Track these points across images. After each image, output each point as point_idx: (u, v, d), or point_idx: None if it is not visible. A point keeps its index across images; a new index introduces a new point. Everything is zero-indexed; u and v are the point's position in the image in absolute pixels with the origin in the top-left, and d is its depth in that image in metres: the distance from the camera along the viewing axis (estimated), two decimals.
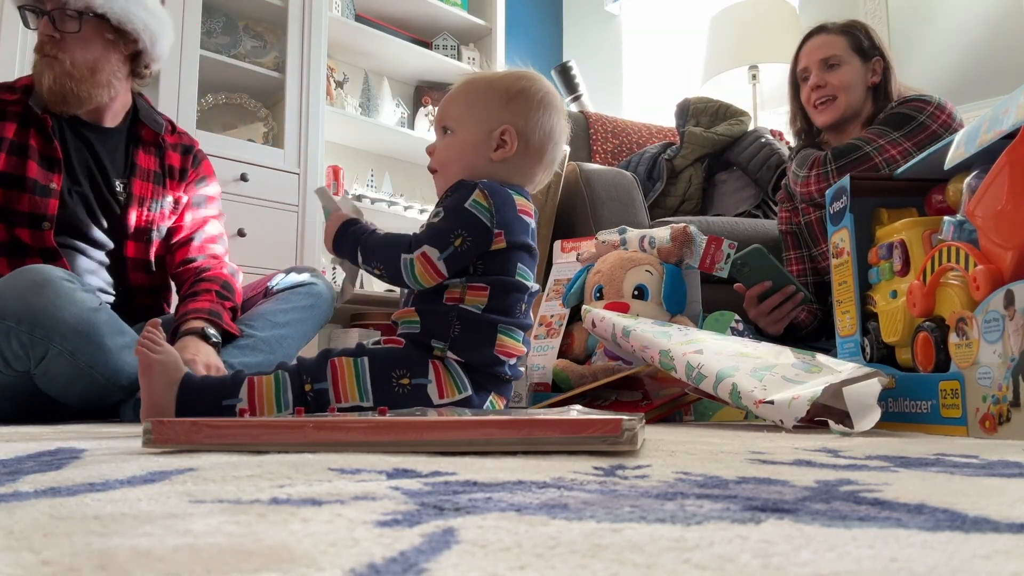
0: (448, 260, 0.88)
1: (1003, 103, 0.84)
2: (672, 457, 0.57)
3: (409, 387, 0.86)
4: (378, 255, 0.92)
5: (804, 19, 2.74)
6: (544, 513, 0.31)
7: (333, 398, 0.85)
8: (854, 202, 1.08)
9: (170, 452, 0.59)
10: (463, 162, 0.97)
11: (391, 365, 0.87)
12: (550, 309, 1.64)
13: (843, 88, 1.57)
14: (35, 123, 1.35)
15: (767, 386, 0.95)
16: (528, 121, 0.97)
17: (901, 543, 0.25)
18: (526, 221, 0.94)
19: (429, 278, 0.89)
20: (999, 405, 0.79)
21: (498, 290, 0.91)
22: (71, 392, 1.22)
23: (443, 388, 0.87)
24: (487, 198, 0.90)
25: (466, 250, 0.89)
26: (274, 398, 0.85)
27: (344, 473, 0.44)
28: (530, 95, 0.98)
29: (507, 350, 0.91)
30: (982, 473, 0.47)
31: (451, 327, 0.89)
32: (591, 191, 1.88)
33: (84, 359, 1.18)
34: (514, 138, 0.96)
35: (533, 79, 1.00)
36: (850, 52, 1.58)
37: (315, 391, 0.85)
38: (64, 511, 0.31)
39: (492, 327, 0.90)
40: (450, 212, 0.90)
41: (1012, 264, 0.79)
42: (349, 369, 0.86)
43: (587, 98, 3.24)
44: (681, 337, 1.14)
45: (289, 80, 2.50)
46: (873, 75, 1.58)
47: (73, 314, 1.17)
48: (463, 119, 0.98)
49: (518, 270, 0.93)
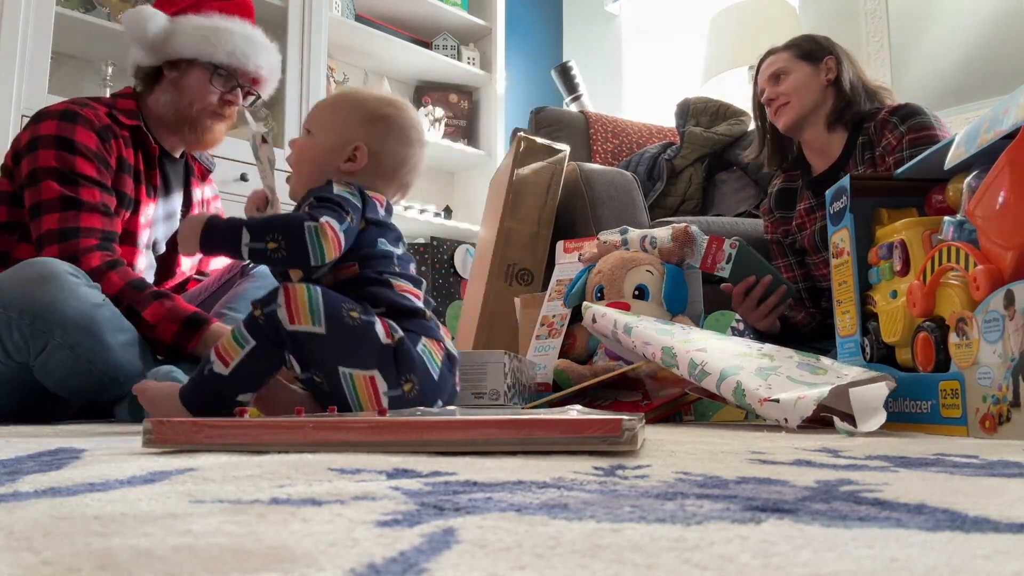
0: (346, 232, 0.91)
1: (1003, 103, 0.84)
2: (672, 457, 0.57)
3: (359, 320, 0.87)
4: (275, 228, 0.90)
5: (804, 19, 2.74)
6: (544, 513, 0.31)
7: (286, 319, 0.84)
8: (854, 202, 1.08)
9: (170, 452, 0.59)
10: (314, 164, 1.03)
11: (341, 299, 0.89)
12: (552, 309, 1.64)
13: (793, 92, 1.63)
14: (143, 148, 1.46)
15: (772, 385, 0.95)
16: (383, 145, 1.03)
17: (901, 543, 0.25)
18: (377, 205, 1.00)
19: (333, 247, 0.90)
20: (999, 405, 0.79)
21: (365, 261, 0.95)
22: (69, 385, 1.22)
23: (387, 329, 0.89)
24: (346, 185, 0.97)
25: (353, 226, 0.93)
26: (232, 341, 0.86)
27: (344, 473, 0.44)
28: (391, 122, 1.04)
29: (406, 289, 0.96)
30: (982, 473, 0.47)
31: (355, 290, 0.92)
32: (591, 191, 1.88)
33: (83, 353, 1.19)
34: (364, 156, 1.02)
35: (401, 109, 1.07)
36: (795, 61, 1.65)
37: (265, 314, 0.85)
38: (64, 511, 0.31)
39: (380, 276, 0.95)
40: (326, 198, 0.94)
41: (1012, 264, 0.79)
42: (302, 292, 0.86)
43: (587, 98, 3.24)
44: (683, 336, 1.14)
45: (289, 80, 2.50)
46: (828, 73, 1.63)
47: (75, 308, 1.18)
48: (325, 126, 1.04)
49: (379, 244, 0.97)
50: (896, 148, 1.50)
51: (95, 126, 1.35)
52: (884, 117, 1.55)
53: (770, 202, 1.79)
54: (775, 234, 1.78)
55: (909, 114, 1.52)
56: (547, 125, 2.46)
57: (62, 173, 1.30)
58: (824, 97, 1.62)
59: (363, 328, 0.87)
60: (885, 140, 1.53)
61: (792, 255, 1.77)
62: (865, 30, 2.61)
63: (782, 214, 1.76)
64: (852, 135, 1.62)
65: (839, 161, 1.62)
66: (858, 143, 1.60)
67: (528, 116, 2.53)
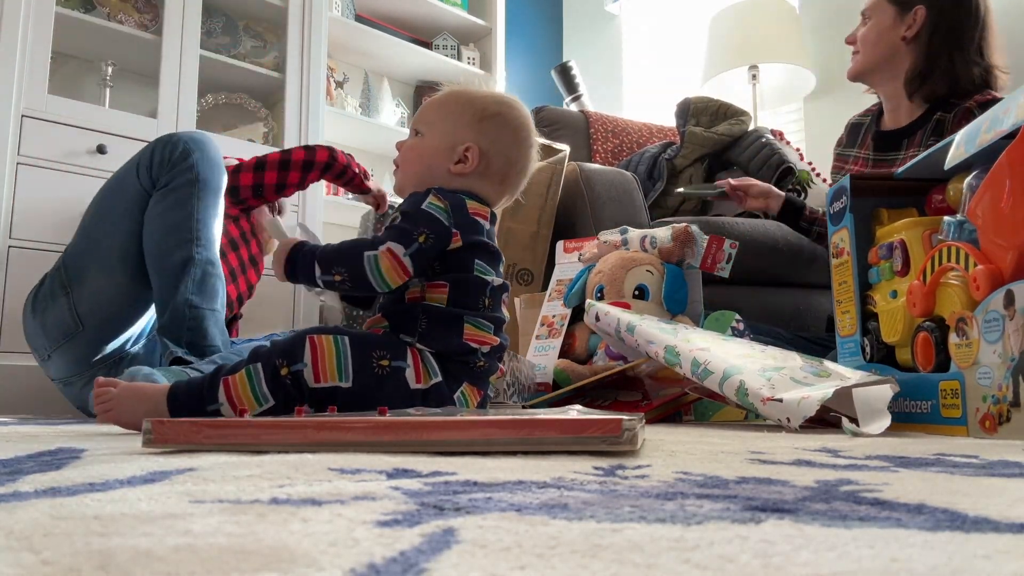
0: (413, 256, 0.88)
1: (1003, 103, 0.84)
2: (672, 457, 0.57)
3: (388, 369, 0.84)
4: (339, 260, 0.90)
5: (804, 19, 2.74)
6: (544, 513, 0.31)
7: (311, 378, 0.82)
8: (854, 202, 1.08)
9: (170, 452, 0.59)
10: (422, 165, 0.99)
11: (371, 346, 0.86)
12: (552, 309, 1.64)
13: (863, 42, 1.54)
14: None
15: (775, 385, 0.95)
16: (494, 145, 0.98)
17: (901, 543, 0.25)
18: (480, 223, 0.95)
19: (396, 275, 0.88)
20: (999, 405, 0.79)
21: (457, 286, 0.91)
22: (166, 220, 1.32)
23: (420, 373, 0.86)
24: (441, 200, 0.92)
25: (429, 247, 0.89)
26: (250, 393, 0.83)
27: (344, 473, 0.44)
28: (504, 121, 0.99)
29: (476, 338, 0.90)
30: (982, 473, 0.47)
31: (418, 322, 0.89)
32: (591, 191, 1.88)
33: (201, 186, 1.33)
34: (476, 157, 0.97)
35: (513, 107, 1.01)
36: (884, 3, 1.52)
37: (292, 373, 0.83)
38: (64, 511, 0.31)
39: (458, 318, 0.90)
40: (409, 214, 0.92)
41: (1012, 264, 0.79)
42: (329, 347, 0.83)
43: (587, 98, 3.24)
44: (685, 335, 1.14)
45: (289, 80, 2.50)
46: (909, 28, 1.45)
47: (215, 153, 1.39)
48: (433, 126, 1.00)
49: (476, 266, 0.93)
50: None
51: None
52: (971, 106, 1.38)
53: (843, 134, 1.72)
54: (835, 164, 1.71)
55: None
56: (547, 125, 2.46)
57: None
58: (897, 55, 1.47)
59: (392, 375, 0.85)
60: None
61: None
62: None
63: (842, 149, 1.70)
64: (930, 110, 1.46)
65: (908, 128, 1.51)
66: (933, 119, 1.45)
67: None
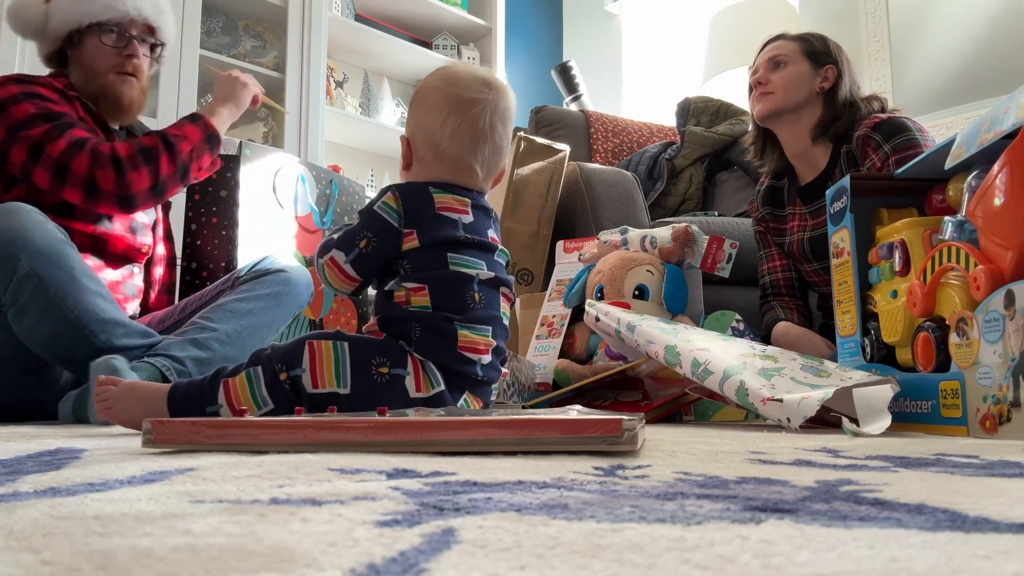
0: (355, 263, 0.88)
1: (1003, 103, 0.84)
2: (672, 457, 0.57)
3: (388, 376, 0.83)
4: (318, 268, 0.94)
5: (804, 19, 2.74)
6: (544, 513, 0.31)
7: (310, 383, 0.82)
8: (854, 202, 1.08)
9: (170, 452, 0.59)
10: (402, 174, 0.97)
11: (371, 352, 0.84)
12: (552, 309, 1.64)
13: (783, 86, 1.58)
14: (102, 127, 1.44)
15: (775, 386, 0.95)
16: (417, 129, 0.93)
17: (901, 543, 0.25)
18: (449, 217, 0.90)
19: (343, 282, 0.90)
20: (999, 405, 0.79)
21: (437, 285, 0.88)
22: (41, 333, 1.20)
23: (420, 382, 0.84)
24: (396, 200, 0.90)
25: (371, 251, 0.88)
26: (250, 396, 0.84)
27: (344, 473, 0.44)
28: (419, 98, 0.94)
29: (472, 346, 0.87)
30: (982, 473, 0.47)
31: (412, 330, 0.86)
32: (591, 191, 1.88)
33: (52, 287, 1.17)
34: (405, 148, 0.94)
35: (429, 77, 0.95)
36: (799, 55, 1.60)
37: (291, 378, 0.83)
38: (64, 511, 0.31)
39: (449, 323, 0.86)
40: (360, 215, 0.91)
41: (1012, 264, 0.79)
42: (328, 353, 0.83)
43: (587, 98, 3.24)
44: (685, 336, 1.14)
45: (289, 80, 2.50)
46: (824, 82, 1.58)
47: (42, 237, 1.19)
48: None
49: (451, 260, 0.88)
50: (882, 169, 1.45)
51: (55, 88, 1.38)
52: (866, 133, 1.49)
53: (757, 200, 1.75)
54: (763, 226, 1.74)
55: (892, 132, 1.46)
56: (547, 124, 2.46)
57: (42, 115, 1.31)
58: (811, 103, 1.58)
59: (392, 383, 0.83)
60: (869, 160, 1.48)
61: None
62: (865, 30, 2.61)
63: (770, 211, 1.72)
64: (836, 147, 1.57)
65: (826, 172, 1.58)
66: (842, 153, 1.56)
67: (528, 116, 2.53)
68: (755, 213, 1.78)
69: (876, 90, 1.66)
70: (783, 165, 1.69)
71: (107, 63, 1.42)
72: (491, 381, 0.92)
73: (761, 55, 1.66)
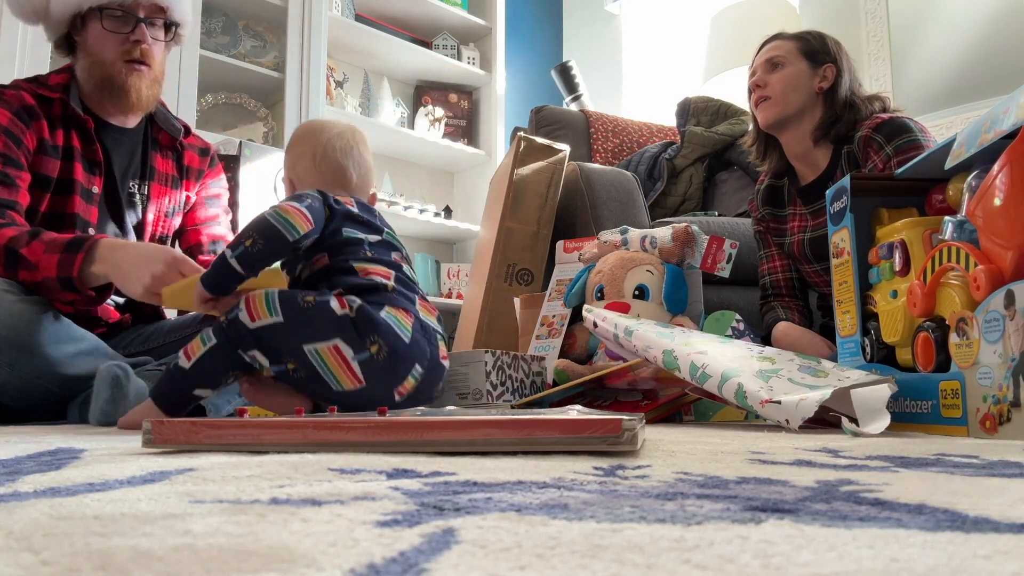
0: (240, 259, 0.96)
1: (1003, 103, 0.84)
2: (672, 457, 0.57)
3: (313, 304, 0.93)
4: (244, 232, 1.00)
5: (804, 19, 2.74)
6: (544, 513, 0.31)
7: (247, 319, 0.93)
8: (854, 202, 1.08)
9: (170, 452, 0.59)
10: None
11: (296, 292, 0.96)
12: (552, 309, 1.64)
13: (781, 90, 1.57)
14: (76, 125, 1.34)
15: (773, 387, 0.95)
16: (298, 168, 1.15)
17: (901, 543, 0.25)
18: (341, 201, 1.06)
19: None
20: (999, 405, 0.79)
21: (333, 248, 1.02)
22: (27, 400, 1.18)
23: (342, 302, 0.94)
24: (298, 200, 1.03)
25: (258, 251, 0.96)
26: (199, 340, 0.95)
27: (344, 473, 0.44)
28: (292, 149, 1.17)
29: (371, 270, 1.00)
30: (982, 473, 0.47)
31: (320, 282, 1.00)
32: (591, 191, 1.88)
33: (25, 372, 1.14)
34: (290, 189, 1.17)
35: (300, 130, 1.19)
36: (797, 55, 1.58)
37: (229, 319, 0.94)
38: (64, 511, 0.31)
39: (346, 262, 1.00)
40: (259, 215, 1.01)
41: (1012, 264, 0.79)
42: (260, 295, 0.95)
43: (587, 98, 3.24)
44: (683, 339, 1.14)
45: (289, 80, 2.50)
46: (823, 81, 1.56)
47: (8, 325, 1.12)
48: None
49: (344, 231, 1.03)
50: (884, 170, 1.44)
51: (13, 107, 1.27)
52: (867, 135, 1.49)
53: (757, 199, 1.75)
54: (763, 226, 1.74)
55: (894, 132, 1.45)
56: (547, 125, 2.46)
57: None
58: (812, 105, 1.57)
59: (317, 306, 0.93)
60: (871, 161, 1.48)
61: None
62: (865, 30, 2.61)
63: (770, 211, 1.72)
64: (837, 148, 1.57)
65: (827, 172, 1.58)
66: (843, 153, 1.55)
67: (528, 116, 2.53)
68: (755, 213, 1.77)
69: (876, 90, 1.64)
70: (784, 165, 1.69)
71: (113, 50, 1.31)
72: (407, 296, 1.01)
73: (758, 56, 1.65)
